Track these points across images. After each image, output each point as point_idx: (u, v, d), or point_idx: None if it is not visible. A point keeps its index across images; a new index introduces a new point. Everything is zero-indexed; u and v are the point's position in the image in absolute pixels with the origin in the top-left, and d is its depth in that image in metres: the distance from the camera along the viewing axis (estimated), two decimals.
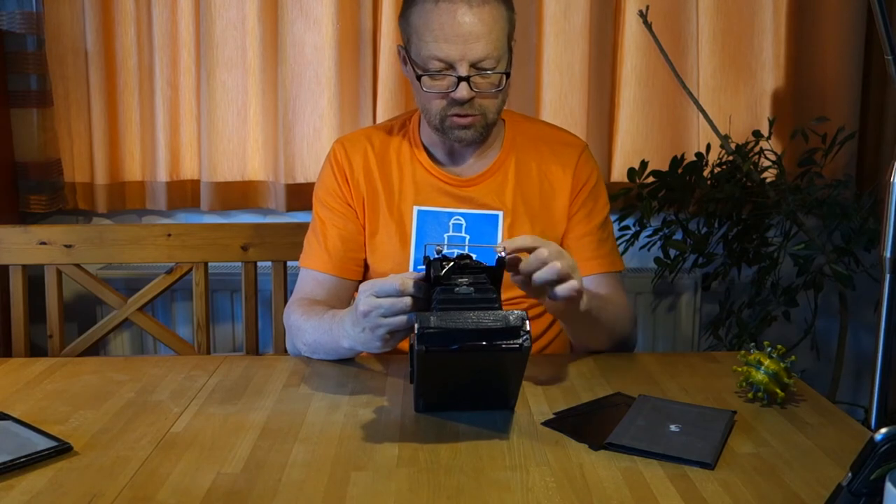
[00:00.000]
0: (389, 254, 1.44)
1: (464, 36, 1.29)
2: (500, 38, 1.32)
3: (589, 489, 0.94)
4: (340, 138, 1.53)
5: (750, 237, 2.15)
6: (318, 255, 1.46)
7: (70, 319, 2.18)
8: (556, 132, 1.54)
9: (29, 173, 2.20)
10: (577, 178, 1.47)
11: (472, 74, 1.31)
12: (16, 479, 0.96)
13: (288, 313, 1.44)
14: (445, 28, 1.29)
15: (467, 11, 1.29)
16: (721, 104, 2.26)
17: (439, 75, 1.33)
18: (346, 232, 1.46)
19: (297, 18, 2.21)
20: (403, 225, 1.44)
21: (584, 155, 1.49)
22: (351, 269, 1.47)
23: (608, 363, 1.35)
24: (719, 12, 2.22)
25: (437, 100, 1.36)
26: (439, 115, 1.37)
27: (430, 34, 1.31)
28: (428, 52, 1.31)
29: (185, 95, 2.26)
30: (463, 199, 1.44)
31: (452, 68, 1.31)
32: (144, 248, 1.74)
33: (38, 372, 1.32)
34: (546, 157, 1.47)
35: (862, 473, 0.76)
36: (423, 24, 1.32)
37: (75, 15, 2.19)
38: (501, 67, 1.34)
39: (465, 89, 1.32)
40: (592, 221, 1.47)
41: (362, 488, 0.94)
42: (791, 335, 2.23)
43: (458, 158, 1.46)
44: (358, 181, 1.46)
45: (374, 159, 1.47)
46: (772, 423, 1.12)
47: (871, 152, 2.30)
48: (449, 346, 1.00)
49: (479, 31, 1.29)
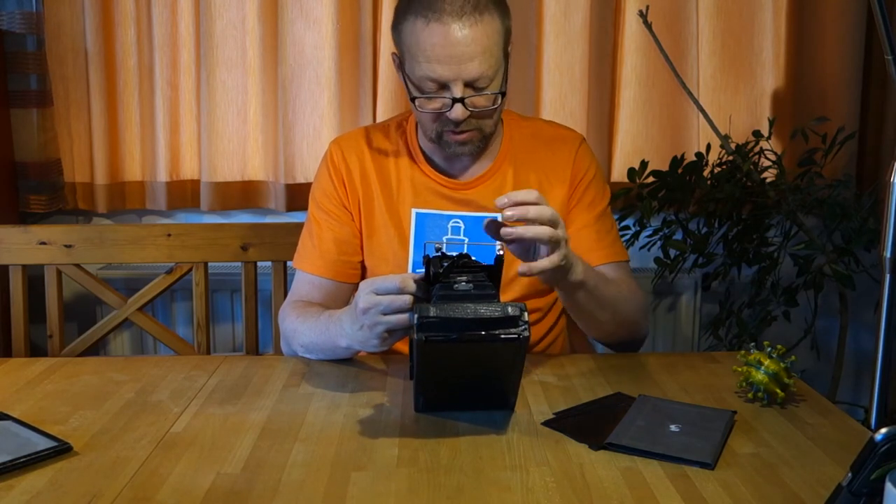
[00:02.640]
0: (388, 256, 1.44)
1: (457, 57, 1.26)
2: (496, 54, 1.29)
3: (589, 489, 0.94)
4: (337, 139, 1.52)
5: (750, 237, 2.15)
6: (312, 258, 1.46)
7: (70, 319, 2.18)
8: (553, 128, 1.53)
9: (29, 173, 2.20)
10: (576, 170, 1.46)
11: (466, 95, 1.29)
12: (16, 479, 0.96)
13: (283, 316, 1.43)
14: (437, 49, 1.26)
15: (459, 30, 1.25)
16: (721, 104, 2.26)
17: (434, 95, 1.31)
18: (340, 235, 1.46)
19: (297, 18, 2.21)
20: (402, 227, 1.43)
21: (581, 148, 1.48)
22: (346, 273, 1.47)
23: (608, 363, 1.35)
24: (719, 12, 2.22)
25: (433, 120, 1.35)
26: (435, 132, 1.36)
27: (422, 55, 1.28)
28: (421, 73, 1.29)
29: (185, 95, 2.26)
30: (461, 202, 1.43)
31: (447, 88, 1.29)
32: (144, 248, 1.74)
33: (38, 372, 1.32)
34: (543, 155, 1.47)
35: (862, 473, 0.76)
36: (414, 43, 1.29)
37: (75, 15, 2.20)
38: (496, 85, 1.32)
39: (460, 110, 1.29)
40: (592, 212, 1.45)
41: (362, 488, 0.94)
42: (791, 335, 2.23)
43: (456, 163, 1.45)
44: (354, 182, 1.46)
45: (371, 161, 1.46)
46: (772, 423, 1.12)
47: (871, 152, 2.30)
48: (448, 335, 1.01)
49: (472, 51, 1.26)
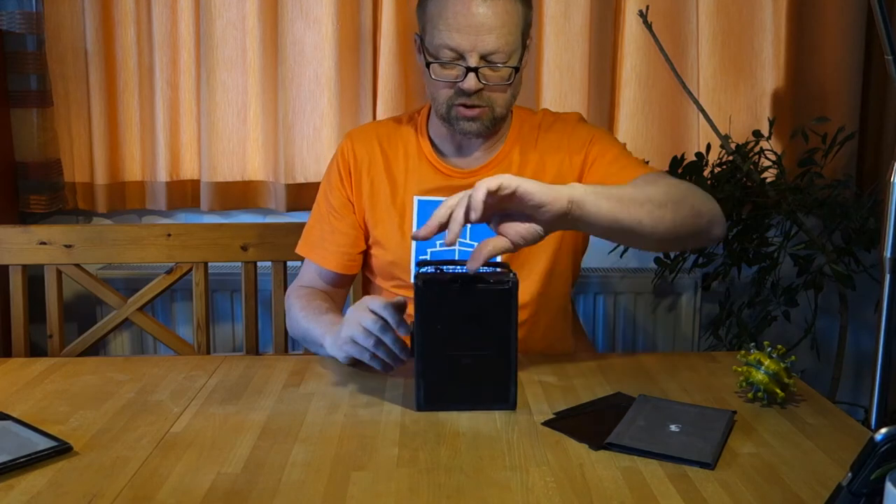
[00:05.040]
0: (391, 245, 1.47)
1: (476, 27, 1.31)
2: (513, 33, 1.33)
3: (589, 489, 0.94)
4: (350, 131, 1.56)
5: (750, 237, 2.15)
6: (317, 249, 1.52)
7: (70, 319, 2.18)
8: (552, 114, 1.54)
9: (29, 173, 2.20)
10: (578, 143, 1.46)
11: (481, 66, 1.33)
12: (16, 479, 0.96)
13: (289, 300, 1.52)
14: (459, 18, 1.31)
15: (482, 3, 1.31)
16: (721, 104, 2.26)
17: (449, 65, 1.34)
18: (342, 227, 1.50)
19: (297, 18, 2.21)
20: (405, 216, 1.46)
21: (579, 122, 1.50)
22: (347, 265, 1.51)
23: (608, 363, 1.35)
24: (719, 12, 2.22)
25: (445, 89, 1.37)
26: (446, 104, 1.38)
27: (443, 23, 1.33)
28: (440, 41, 1.33)
29: (185, 95, 2.26)
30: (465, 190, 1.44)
31: (462, 58, 1.33)
32: (144, 248, 1.74)
33: (38, 372, 1.32)
34: (545, 136, 1.48)
35: (862, 473, 0.76)
36: (437, 12, 1.34)
37: (75, 15, 2.19)
38: (512, 62, 1.35)
39: (473, 80, 1.33)
40: (605, 157, 1.44)
41: (362, 488, 0.94)
42: (791, 335, 2.23)
43: (465, 152, 1.47)
44: (360, 174, 1.49)
45: (380, 152, 1.49)
46: (772, 423, 1.12)
47: (871, 152, 2.30)
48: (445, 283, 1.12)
49: (491, 24, 1.31)
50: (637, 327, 2.35)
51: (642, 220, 1.19)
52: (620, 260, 2.33)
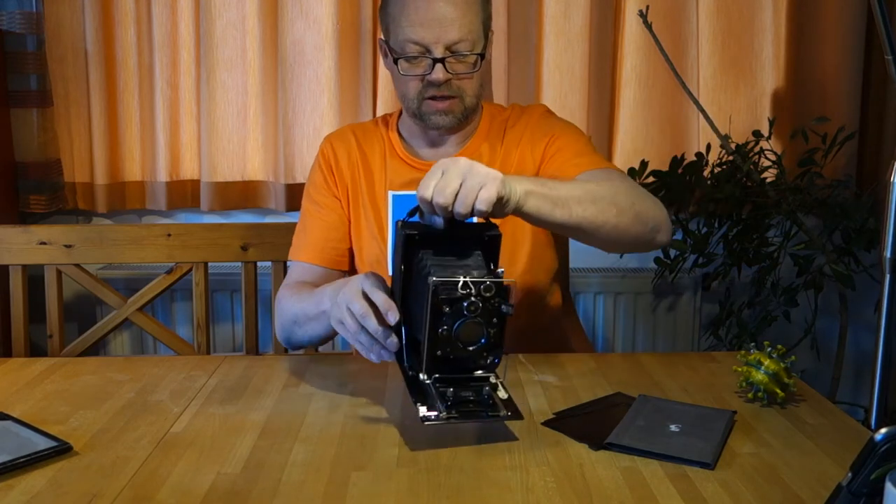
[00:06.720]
0: (368, 240, 1.48)
1: (439, 20, 1.33)
2: (475, 22, 1.37)
3: (589, 489, 0.94)
4: (328, 135, 1.58)
5: (750, 237, 2.15)
6: (303, 248, 1.51)
7: (70, 319, 2.18)
8: (520, 108, 1.54)
9: (29, 173, 2.20)
10: (539, 135, 1.46)
11: (447, 56, 1.35)
12: (16, 479, 0.96)
13: (278, 298, 1.45)
14: (420, 13, 1.34)
15: None
16: (721, 104, 2.26)
17: (416, 59, 1.36)
18: (329, 221, 1.50)
19: (296, 18, 2.21)
20: (380, 211, 1.48)
21: (543, 115, 1.51)
22: (335, 259, 1.51)
23: (608, 363, 1.35)
24: (719, 12, 2.22)
25: (414, 82, 1.39)
26: (417, 99, 1.40)
27: (405, 19, 1.35)
28: (404, 36, 1.36)
29: (185, 95, 2.26)
30: None
31: (428, 51, 1.35)
32: (144, 248, 1.74)
33: (38, 372, 1.32)
34: (512, 129, 1.49)
35: (862, 473, 0.76)
36: (399, 11, 1.36)
37: (75, 15, 2.20)
38: (477, 49, 1.38)
39: (441, 70, 1.35)
40: (566, 151, 1.43)
41: (362, 488, 0.94)
42: (791, 335, 2.23)
43: (436, 144, 1.49)
44: (343, 172, 1.51)
45: (357, 151, 1.52)
46: (772, 423, 1.12)
47: (871, 152, 2.30)
48: (428, 229, 1.06)
49: (453, 16, 1.34)
50: (637, 327, 2.35)
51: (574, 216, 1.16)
52: (620, 260, 2.33)
